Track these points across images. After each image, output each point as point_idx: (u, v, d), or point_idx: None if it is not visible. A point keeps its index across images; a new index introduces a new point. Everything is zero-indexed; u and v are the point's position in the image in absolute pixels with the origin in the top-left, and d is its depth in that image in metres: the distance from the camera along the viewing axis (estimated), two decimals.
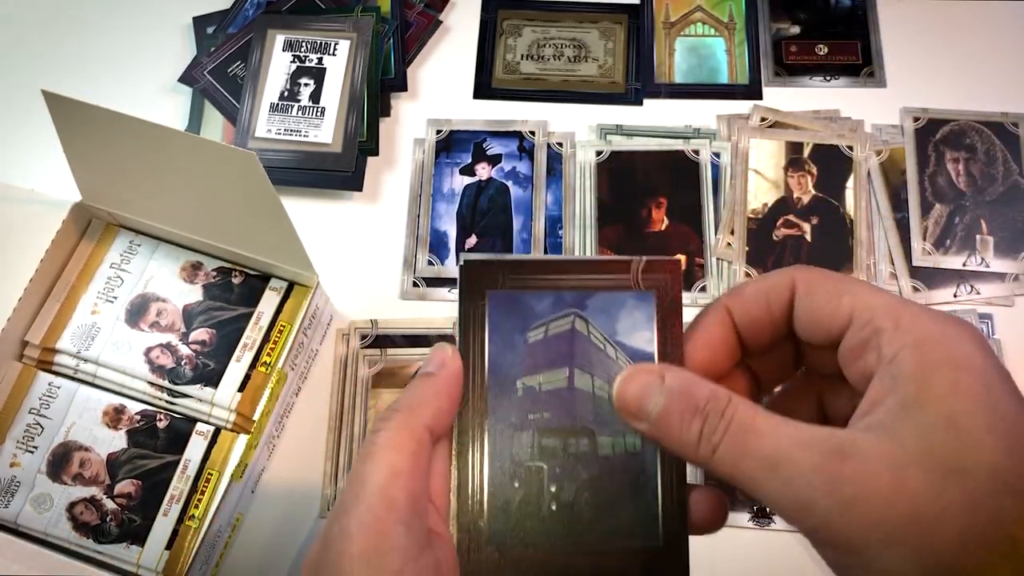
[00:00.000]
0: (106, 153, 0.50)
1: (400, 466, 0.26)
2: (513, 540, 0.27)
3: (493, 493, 0.28)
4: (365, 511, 0.25)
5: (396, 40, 0.70)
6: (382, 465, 0.26)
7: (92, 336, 0.52)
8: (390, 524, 0.25)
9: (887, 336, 0.25)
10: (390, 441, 0.27)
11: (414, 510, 0.26)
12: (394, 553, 0.25)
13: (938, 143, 0.66)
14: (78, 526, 0.49)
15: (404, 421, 0.27)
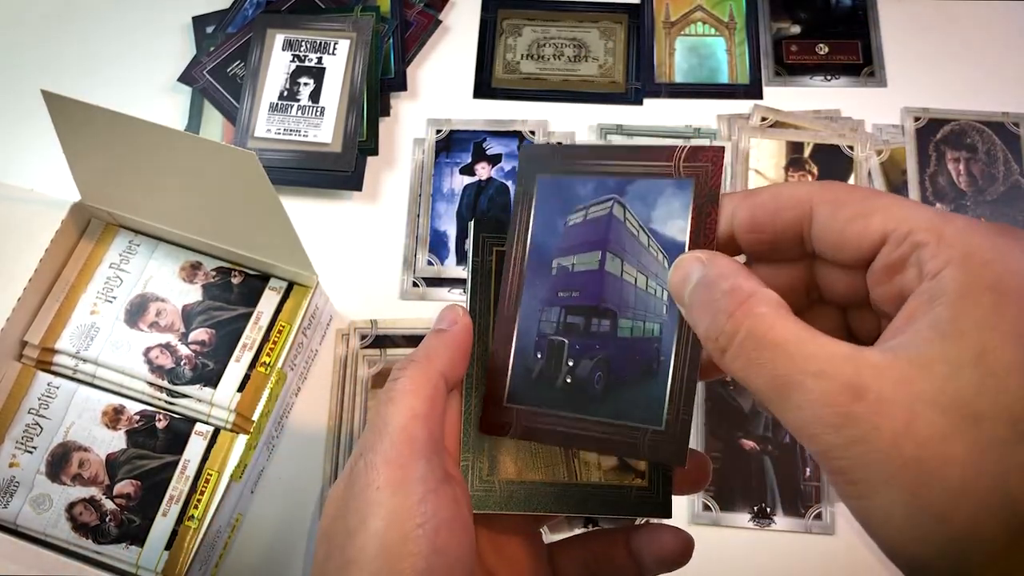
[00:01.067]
0: (105, 153, 0.49)
1: (419, 408, 0.28)
2: (529, 404, 0.30)
3: (517, 360, 0.30)
4: (389, 447, 0.27)
5: (396, 40, 0.70)
6: (403, 407, 0.28)
7: (91, 336, 0.52)
8: (412, 458, 0.27)
9: (930, 250, 0.22)
10: (408, 386, 0.29)
11: (433, 447, 0.28)
12: (417, 483, 0.27)
13: (939, 143, 0.66)
14: (77, 526, 0.49)
15: (421, 368, 0.29)
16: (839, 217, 0.25)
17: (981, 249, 0.22)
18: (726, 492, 0.56)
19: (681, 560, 0.32)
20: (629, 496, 0.30)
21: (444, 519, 0.27)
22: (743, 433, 0.58)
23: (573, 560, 0.34)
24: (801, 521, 0.56)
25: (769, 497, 0.56)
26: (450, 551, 0.27)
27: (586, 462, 0.31)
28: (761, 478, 0.57)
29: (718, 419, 0.58)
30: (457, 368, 0.31)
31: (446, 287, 0.62)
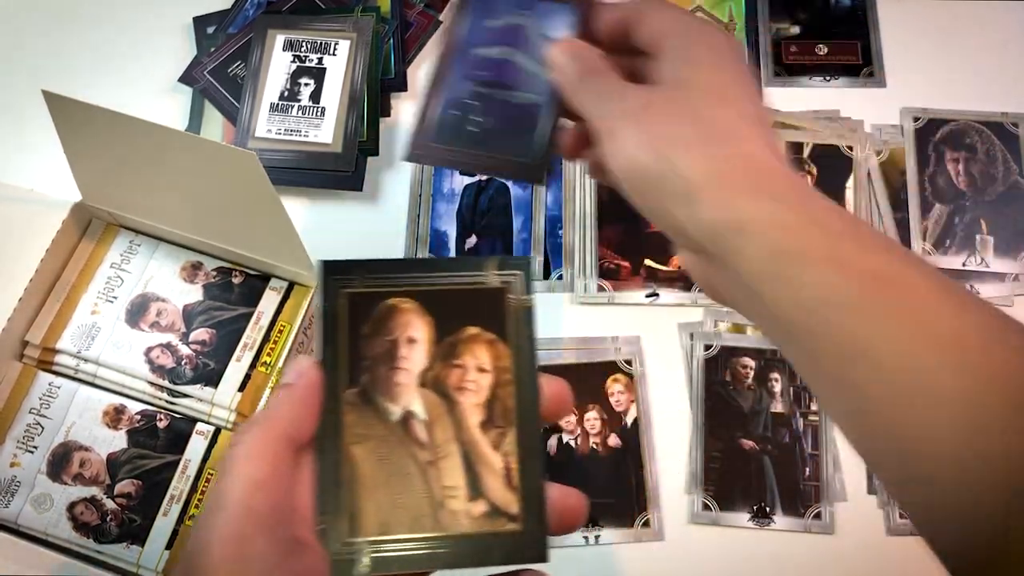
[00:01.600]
0: (106, 153, 0.50)
1: (259, 476, 0.26)
2: (444, 143, 0.39)
3: (443, 116, 0.39)
4: (224, 523, 0.25)
5: (396, 40, 0.70)
6: (242, 476, 0.26)
7: (92, 336, 0.52)
8: (251, 532, 0.25)
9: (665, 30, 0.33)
10: (248, 452, 0.27)
11: (276, 518, 0.26)
12: (256, 560, 0.25)
13: (938, 143, 0.66)
14: (78, 526, 0.49)
15: (262, 432, 0.27)
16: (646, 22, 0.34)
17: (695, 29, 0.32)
18: (725, 492, 0.57)
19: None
20: (502, 543, 0.29)
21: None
22: (743, 433, 0.58)
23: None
24: (800, 521, 0.56)
25: (768, 497, 0.56)
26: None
27: (453, 511, 0.29)
28: (760, 478, 0.57)
29: (718, 419, 0.58)
30: (304, 426, 0.28)
31: None
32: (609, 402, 0.59)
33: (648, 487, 0.57)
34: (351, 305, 0.31)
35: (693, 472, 0.57)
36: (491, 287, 0.31)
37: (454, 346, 0.30)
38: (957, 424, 0.23)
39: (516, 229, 0.64)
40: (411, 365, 0.30)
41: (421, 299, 0.31)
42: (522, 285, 0.31)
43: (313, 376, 0.29)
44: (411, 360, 0.30)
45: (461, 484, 0.29)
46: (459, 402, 0.30)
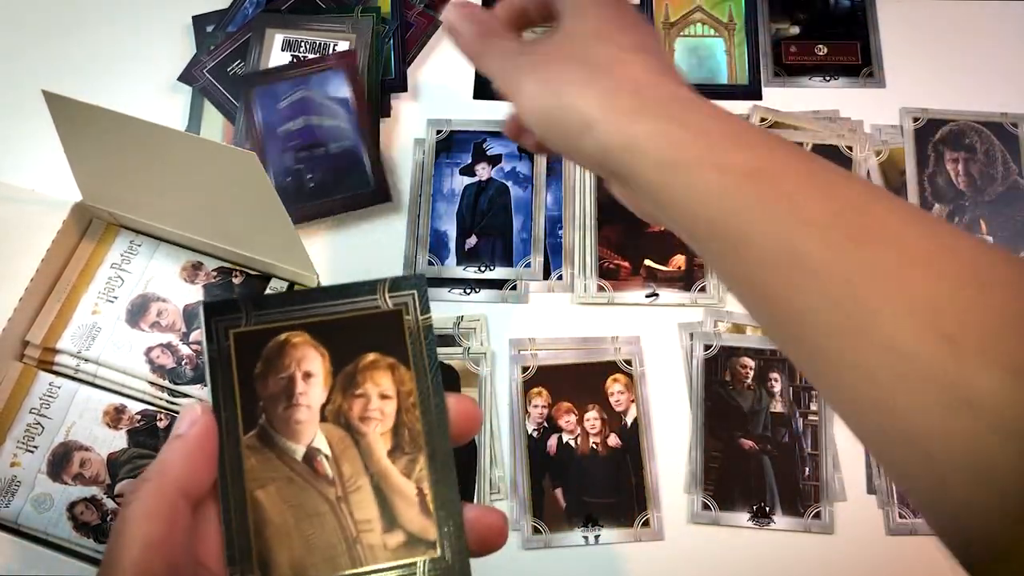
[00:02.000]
0: (106, 153, 0.50)
1: (154, 536, 0.25)
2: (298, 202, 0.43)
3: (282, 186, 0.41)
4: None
5: (396, 40, 0.70)
6: (135, 538, 0.25)
7: (93, 336, 0.52)
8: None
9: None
10: (141, 512, 0.26)
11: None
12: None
13: (937, 143, 0.66)
14: (78, 526, 0.49)
15: (154, 489, 0.26)
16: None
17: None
18: (725, 492, 0.57)
19: None
20: (423, 571, 0.28)
21: None
22: (742, 433, 0.58)
23: None
24: (800, 520, 0.56)
25: (768, 497, 0.56)
26: None
27: (370, 545, 0.28)
28: (760, 478, 0.57)
29: (718, 419, 0.58)
30: (200, 476, 0.27)
31: (446, 287, 0.62)
32: (609, 402, 0.59)
33: (648, 487, 0.57)
34: (239, 345, 0.29)
35: (693, 472, 0.57)
36: (385, 310, 0.30)
37: (353, 376, 0.30)
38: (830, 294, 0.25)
39: (516, 229, 0.64)
40: (310, 400, 0.29)
41: (313, 331, 0.30)
42: (417, 304, 0.30)
43: (206, 423, 0.28)
44: (309, 395, 0.29)
45: (375, 516, 0.29)
46: (365, 432, 0.29)
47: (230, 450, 0.29)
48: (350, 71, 0.65)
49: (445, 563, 0.28)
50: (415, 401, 0.30)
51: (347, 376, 0.30)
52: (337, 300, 0.30)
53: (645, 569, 0.55)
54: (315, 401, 0.29)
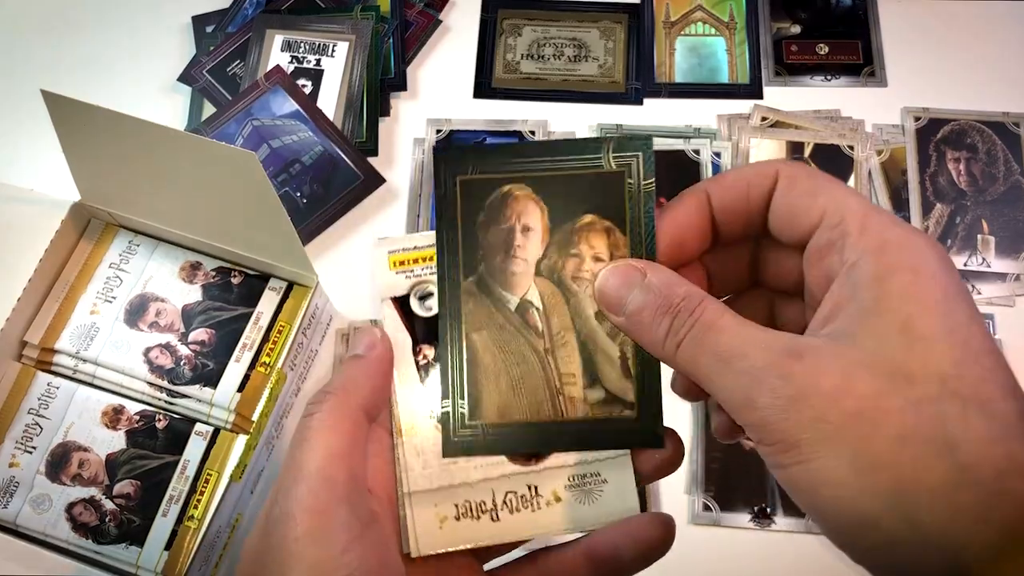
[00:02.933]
0: (105, 153, 0.49)
1: (337, 447, 0.26)
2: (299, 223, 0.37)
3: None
4: (306, 493, 0.25)
5: (396, 40, 0.70)
6: (319, 446, 0.26)
7: (91, 336, 0.52)
8: (332, 503, 0.25)
9: (852, 240, 0.24)
10: (325, 423, 0.26)
11: (355, 488, 0.26)
12: (339, 530, 0.25)
13: (939, 143, 0.66)
14: (77, 527, 0.49)
15: (338, 403, 0.27)
16: (793, 192, 0.27)
17: (895, 240, 0.24)
18: (726, 492, 0.56)
19: (666, 546, 0.28)
20: (618, 429, 0.29)
21: (372, 567, 0.25)
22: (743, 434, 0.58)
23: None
24: (801, 521, 0.56)
25: (769, 497, 0.56)
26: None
27: (571, 397, 0.29)
28: (761, 478, 0.57)
29: None
30: (378, 398, 0.28)
31: None
32: None
33: (648, 488, 0.57)
34: (464, 192, 0.30)
35: (693, 473, 0.57)
36: (608, 171, 0.30)
37: (570, 235, 0.30)
38: None
39: None
40: (527, 254, 0.30)
41: (536, 185, 0.30)
42: (640, 168, 0.30)
43: (385, 348, 0.29)
44: (527, 249, 0.30)
45: (578, 372, 0.30)
46: (576, 291, 0.30)
47: (451, 292, 0.30)
48: (285, 84, 0.66)
49: (640, 424, 0.29)
50: None
51: (564, 234, 0.30)
52: (562, 156, 0.30)
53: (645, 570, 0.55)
54: (532, 255, 0.30)
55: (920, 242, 0.24)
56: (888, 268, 0.23)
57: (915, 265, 0.23)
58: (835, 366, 0.22)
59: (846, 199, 0.25)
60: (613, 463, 0.30)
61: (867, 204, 0.25)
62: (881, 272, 0.23)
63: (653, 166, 0.29)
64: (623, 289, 0.28)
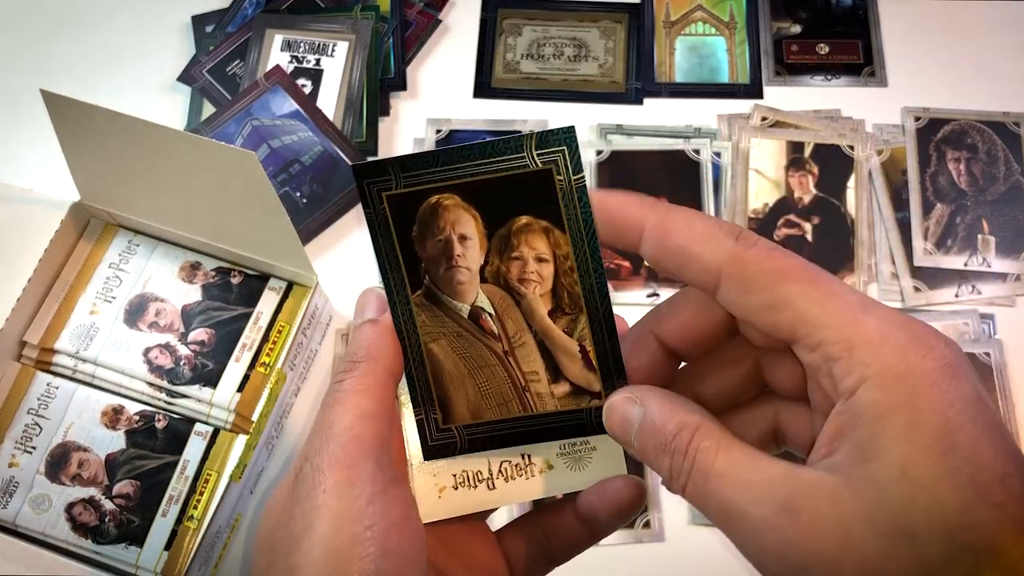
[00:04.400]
0: (105, 153, 0.49)
1: (368, 409, 0.27)
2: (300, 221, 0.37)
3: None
4: (336, 448, 0.26)
5: (396, 39, 0.70)
6: (350, 407, 0.27)
7: (91, 336, 0.52)
8: (360, 458, 0.26)
9: (842, 366, 0.22)
10: (355, 387, 0.27)
11: (382, 448, 0.27)
12: (365, 484, 0.26)
13: (939, 143, 0.66)
14: (77, 527, 0.49)
15: (368, 369, 0.28)
16: (749, 303, 0.24)
17: (893, 367, 0.22)
18: None
19: (635, 506, 0.30)
20: (588, 419, 0.30)
21: (394, 521, 0.26)
22: None
23: (524, 541, 0.32)
24: None
25: None
26: (400, 553, 0.26)
27: (538, 393, 0.30)
28: None
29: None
30: (398, 364, 0.29)
31: None
32: None
33: (649, 488, 0.57)
34: (393, 208, 0.29)
35: None
36: (534, 170, 0.29)
37: (508, 238, 0.29)
38: None
39: None
40: (468, 262, 0.30)
41: (463, 193, 0.29)
42: (568, 163, 0.29)
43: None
44: (467, 257, 0.29)
45: (541, 369, 0.30)
46: (524, 293, 0.30)
47: (402, 307, 0.30)
48: (284, 84, 0.66)
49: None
50: (572, 265, 0.29)
51: (501, 239, 0.29)
52: (483, 159, 0.29)
53: (646, 570, 0.55)
54: (473, 263, 0.30)
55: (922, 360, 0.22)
56: (885, 404, 0.21)
57: (915, 397, 0.21)
58: (833, 523, 0.21)
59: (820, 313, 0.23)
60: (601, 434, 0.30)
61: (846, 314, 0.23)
62: (878, 408, 0.22)
63: (580, 159, 0.29)
64: (625, 427, 0.28)
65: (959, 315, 0.61)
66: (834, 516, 0.21)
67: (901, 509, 0.21)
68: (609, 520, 0.30)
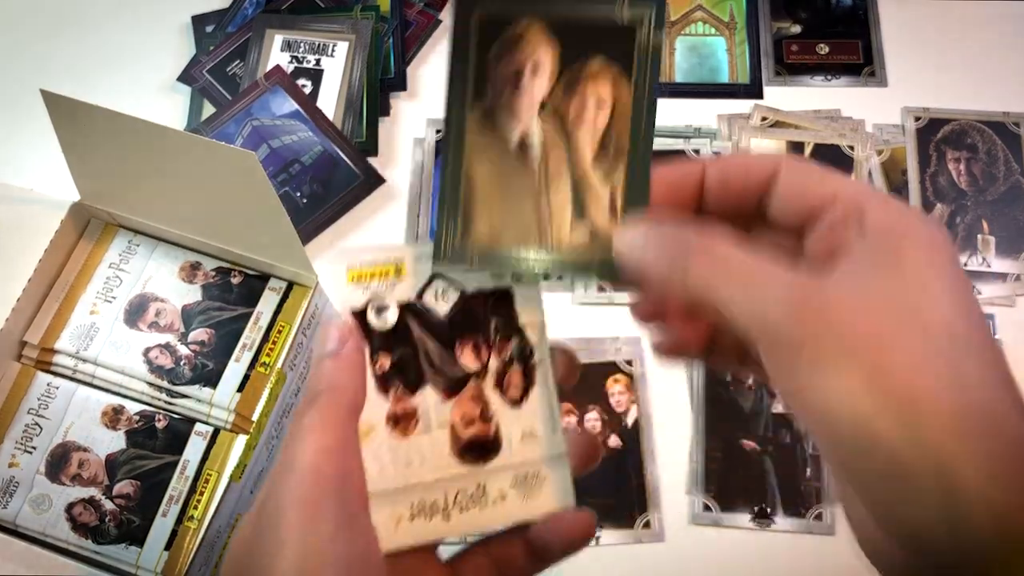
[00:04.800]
0: (105, 153, 0.49)
1: (328, 444, 0.27)
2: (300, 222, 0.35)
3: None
4: (296, 485, 0.26)
5: (396, 39, 0.70)
6: (311, 443, 0.27)
7: (91, 336, 0.52)
8: (322, 496, 0.26)
9: (873, 214, 0.25)
10: (315, 422, 0.28)
11: (344, 483, 0.27)
12: (327, 520, 0.26)
13: (939, 143, 0.66)
14: (77, 527, 0.49)
15: (328, 402, 0.28)
16: (801, 179, 0.27)
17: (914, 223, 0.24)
18: (726, 492, 0.56)
19: (586, 538, 0.31)
20: (601, 260, 0.30)
21: (356, 556, 0.26)
22: (743, 434, 0.58)
23: (477, 570, 0.32)
24: (802, 521, 0.55)
25: (769, 497, 0.56)
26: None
27: (558, 231, 0.31)
28: (761, 478, 0.57)
29: (719, 420, 0.58)
30: (361, 394, 0.29)
31: None
32: (609, 402, 0.59)
33: (648, 488, 0.57)
34: (480, 24, 0.30)
35: (694, 473, 0.57)
36: (621, 21, 0.30)
37: (577, 77, 0.30)
38: None
39: None
40: (533, 91, 0.30)
41: (551, 25, 0.30)
42: (652, 21, 0.30)
43: (357, 341, 0.30)
44: (534, 86, 0.30)
45: (568, 209, 0.31)
46: (574, 133, 0.31)
47: (456, 119, 0.30)
48: (284, 84, 0.66)
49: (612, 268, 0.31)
50: (628, 115, 0.31)
51: (571, 76, 0.31)
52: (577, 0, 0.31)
53: (646, 570, 0.55)
54: (537, 93, 0.31)
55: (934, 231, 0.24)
56: (910, 243, 0.24)
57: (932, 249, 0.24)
58: (856, 291, 0.23)
59: (858, 184, 0.27)
60: (552, 463, 0.31)
61: (880, 192, 0.26)
62: (903, 244, 0.24)
63: (664, 18, 0.32)
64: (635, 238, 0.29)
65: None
66: (856, 288, 0.23)
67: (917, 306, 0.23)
68: (561, 553, 0.31)
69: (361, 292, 0.31)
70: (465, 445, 0.31)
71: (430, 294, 0.31)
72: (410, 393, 0.31)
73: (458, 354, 0.31)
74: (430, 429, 0.31)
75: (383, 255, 0.31)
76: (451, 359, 0.31)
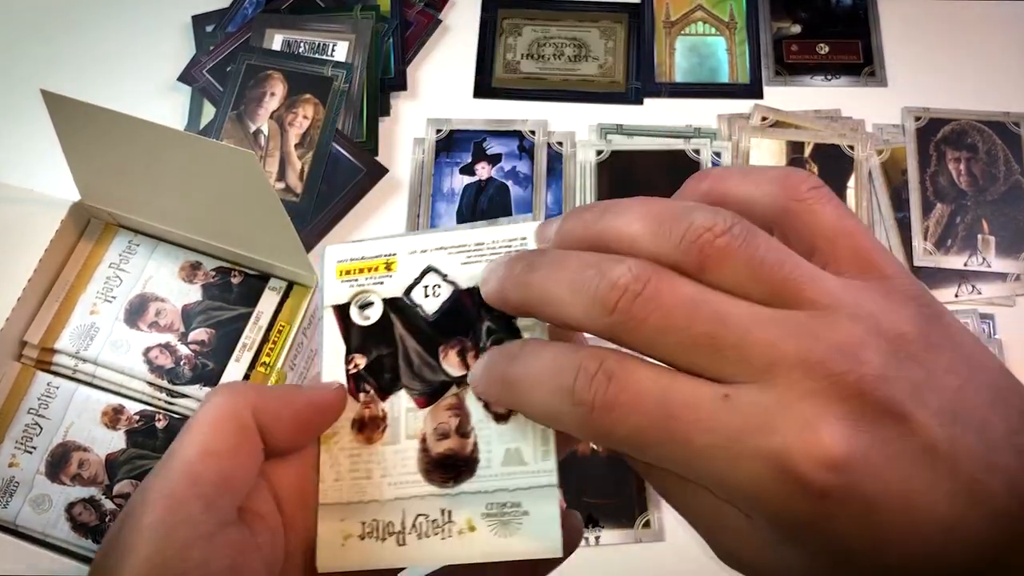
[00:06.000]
0: (105, 153, 0.49)
1: (214, 446, 0.25)
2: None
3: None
4: (164, 482, 0.24)
5: (396, 39, 0.70)
6: (195, 441, 0.25)
7: (91, 336, 0.52)
8: (188, 497, 0.24)
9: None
10: (206, 419, 0.25)
11: (224, 489, 0.24)
12: (185, 527, 0.23)
13: (939, 143, 0.66)
14: (77, 526, 0.49)
15: (225, 402, 0.25)
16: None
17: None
18: None
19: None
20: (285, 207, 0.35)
21: (215, 570, 0.23)
22: None
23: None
24: None
25: None
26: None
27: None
28: None
29: None
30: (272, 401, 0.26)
31: None
32: None
33: (648, 487, 0.57)
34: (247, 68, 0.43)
35: None
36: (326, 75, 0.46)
37: (295, 101, 0.47)
38: None
39: None
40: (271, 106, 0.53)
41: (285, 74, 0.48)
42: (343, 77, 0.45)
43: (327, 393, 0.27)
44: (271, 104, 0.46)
45: (275, 171, 0.50)
46: (287, 131, 0.49)
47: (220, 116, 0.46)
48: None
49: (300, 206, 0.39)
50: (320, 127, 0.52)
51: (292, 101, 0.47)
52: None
53: (646, 570, 0.55)
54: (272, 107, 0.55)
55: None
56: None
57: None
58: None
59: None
60: (537, 493, 0.26)
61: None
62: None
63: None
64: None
65: (959, 315, 0.61)
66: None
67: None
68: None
69: (349, 287, 0.29)
70: (434, 461, 0.27)
71: (420, 290, 0.28)
72: (382, 397, 0.27)
73: (442, 357, 0.27)
74: (398, 439, 0.27)
75: (373, 249, 0.29)
76: (433, 362, 0.27)
